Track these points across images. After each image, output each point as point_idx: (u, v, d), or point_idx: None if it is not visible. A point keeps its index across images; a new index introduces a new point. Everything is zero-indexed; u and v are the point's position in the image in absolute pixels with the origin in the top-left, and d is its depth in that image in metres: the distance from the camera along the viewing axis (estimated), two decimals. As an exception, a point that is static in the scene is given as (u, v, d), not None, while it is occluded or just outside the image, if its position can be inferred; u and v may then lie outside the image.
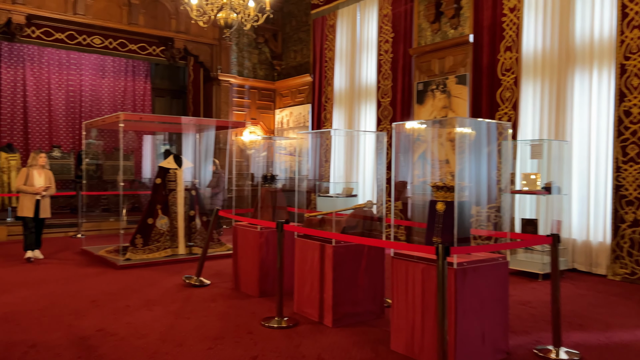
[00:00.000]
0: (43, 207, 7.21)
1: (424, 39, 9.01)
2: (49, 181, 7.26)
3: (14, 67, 11.81)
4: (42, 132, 12.25)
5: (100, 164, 11.85)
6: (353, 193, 10.03)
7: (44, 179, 7.22)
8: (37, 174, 7.19)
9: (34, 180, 7.15)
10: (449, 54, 8.53)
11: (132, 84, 13.41)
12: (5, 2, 9.25)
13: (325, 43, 11.04)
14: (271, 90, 12.67)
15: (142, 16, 10.75)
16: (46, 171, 7.31)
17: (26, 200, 7.12)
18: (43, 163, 7.27)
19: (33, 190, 7.06)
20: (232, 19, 6.11)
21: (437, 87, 8.70)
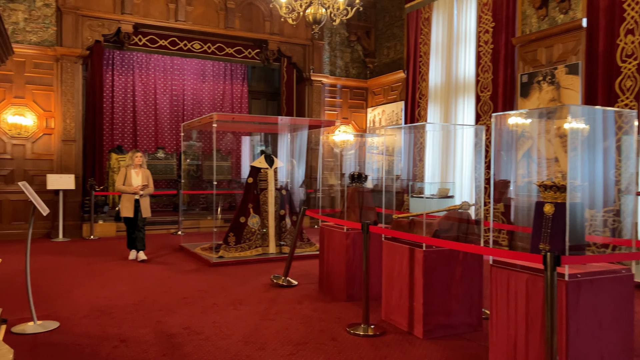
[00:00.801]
0: (143, 207, 7.20)
1: (528, 27, 8.26)
2: (146, 180, 7.22)
3: (124, 74, 12.70)
4: (149, 135, 13.04)
5: (199, 164, 12.35)
6: (449, 194, 9.49)
7: (141, 178, 7.21)
8: (135, 173, 7.22)
9: (131, 179, 7.16)
10: (557, 42, 7.73)
11: (230, 87, 13.87)
12: (114, 12, 9.92)
13: (420, 37, 10.58)
14: (363, 89, 12.44)
15: (237, 20, 11.03)
16: (144, 170, 7.30)
17: (125, 200, 7.16)
18: (139, 162, 7.26)
19: (131, 190, 7.07)
20: (321, 15, 5.96)
21: (543, 78, 7.93)
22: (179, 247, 8.41)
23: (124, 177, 7.19)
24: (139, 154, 7.33)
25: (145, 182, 7.19)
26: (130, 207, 7.11)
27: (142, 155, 7.37)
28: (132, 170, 7.22)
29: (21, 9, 9.24)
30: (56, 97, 9.50)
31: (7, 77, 9.14)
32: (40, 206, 4.13)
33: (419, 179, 10.49)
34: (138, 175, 7.22)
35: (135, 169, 7.25)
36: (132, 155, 7.34)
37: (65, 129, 9.51)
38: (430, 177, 10.35)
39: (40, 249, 8.07)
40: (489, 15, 8.88)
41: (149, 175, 7.35)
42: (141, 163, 7.29)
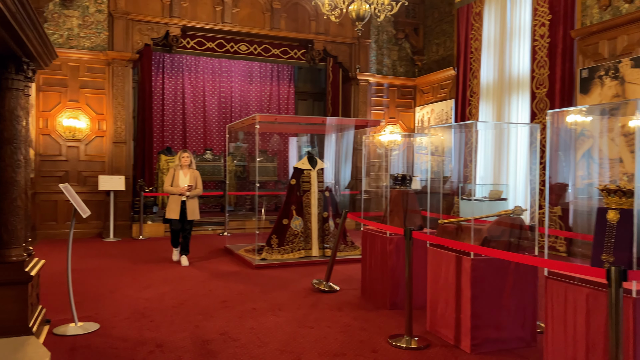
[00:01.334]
0: (189, 209, 6.94)
1: (589, 18, 7.72)
2: (194, 181, 6.95)
3: (174, 76, 12.94)
4: (198, 136, 13.24)
5: (246, 166, 12.40)
6: (502, 197, 9.03)
7: (189, 179, 6.96)
8: (182, 174, 6.98)
9: (179, 180, 6.93)
10: (622, 33, 7.16)
11: (277, 88, 13.88)
12: (163, 16, 10.09)
13: (471, 33, 10.15)
14: (411, 87, 12.10)
15: (283, 20, 10.98)
16: (192, 171, 7.02)
17: (172, 201, 6.94)
18: (186, 162, 6.99)
19: (177, 191, 6.84)
20: (364, 11, 5.76)
21: (606, 72, 7.38)
22: (223, 248, 8.42)
23: (172, 178, 6.96)
24: (186, 154, 7.04)
25: (192, 183, 6.93)
26: (176, 208, 6.90)
27: (189, 155, 7.07)
28: (180, 171, 6.99)
29: (75, 15, 9.55)
30: (108, 100, 9.76)
31: (62, 82, 9.47)
32: (81, 208, 4.15)
33: (469, 180, 10.07)
34: (186, 176, 6.97)
35: (183, 169, 7.01)
36: (180, 155, 7.09)
37: (116, 131, 9.76)
38: (481, 178, 9.91)
39: (91, 248, 8.29)
40: (545, 7, 8.38)
41: (198, 176, 7.07)
42: (189, 163, 7.02)
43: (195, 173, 7.06)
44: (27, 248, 4.05)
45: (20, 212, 3.78)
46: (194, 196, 6.98)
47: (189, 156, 7.06)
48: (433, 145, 11.50)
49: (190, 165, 7.02)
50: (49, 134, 9.41)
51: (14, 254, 3.74)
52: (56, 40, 9.41)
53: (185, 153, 7.06)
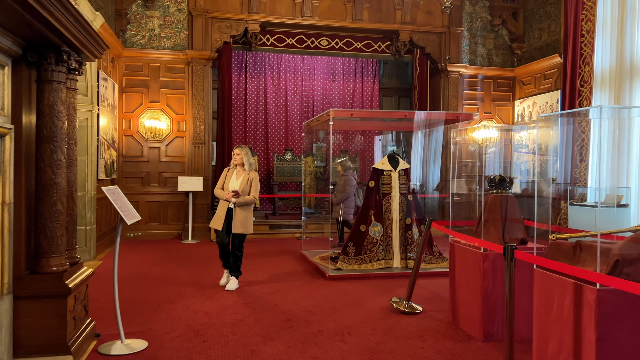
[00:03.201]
0: (236, 219, 5.48)
1: None
2: (246, 185, 5.54)
3: (257, 75, 12.72)
4: (279, 136, 12.91)
5: (326, 166, 11.85)
6: (623, 202, 7.66)
7: (240, 182, 5.57)
8: (235, 175, 5.67)
9: (228, 181, 5.65)
10: None
11: (360, 84, 13.21)
12: (242, 12, 9.81)
13: (582, 13, 8.77)
14: (509, 79, 10.85)
15: (366, 11, 10.27)
16: (248, 173, 5.62)
17: (219, 207, 5.66)
18: (237, 162, 5.64)
19: (223, 196, 5.55)
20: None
21: None
22: (299, 254, 7.90)
23: (224, 179, 5.70)
24: (237, 150, 5.64)
25: (242, 188, 5.53)
26: (221, 216, 5.55)
27: (241, 153, 5.62)
28: (233, 171, 5.71)
29: (156, 16, 9.54)
30: (187, 100, 9.65)
31: (144, 83, 9.50)
32: (127, 213, 3.73)
33: (580, 182, 8.72)
34: (238, 178, 5.63)
35: (237, 169, 5.70)
36: (233, 151, 5.76)
37: (196, 131, 9.62)
38: (595, 180, 8.52)
39: (168, 250, 8.14)
40: (681, -26, 6.92)
41: (254, 179, 5.62)
42: (242, 162, 5.62)
43: (252, 175, 5.63)
44: (72, 256, 3.71)
45: (60, 217, 3.43)
46: (244, 204, 5.52)
47: (241, 153, 5.62)
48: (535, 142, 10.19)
49: (245, 165, 5.62)
50: (131, 135, 9.47)
51: (53, 264, 3.40)
52: (138, 41, 9.45)
53: (237, 149, 5.65)
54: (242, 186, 5.55)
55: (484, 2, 10.70)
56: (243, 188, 5.54)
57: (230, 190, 5.52)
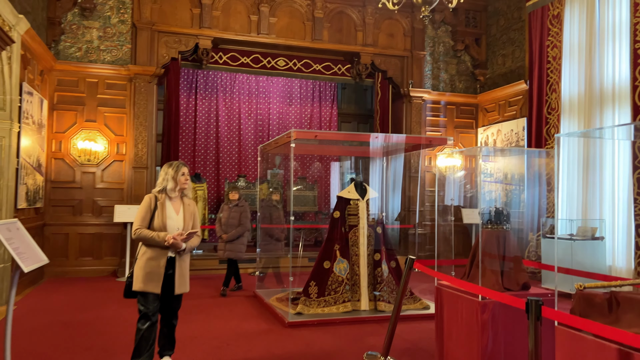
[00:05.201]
0: (179, 275, 3.74)
1: None
2: (190, 219, 3.82)
3: (208, 96, 11.88)
4: (232, 162, 12.05)
5: (282, 194, 11.05)
6: (597, 235, 7.27)
7: (183, 216, 3.79)
8: (171, 207, 3.78)
9: (165, 217, 3.70)
10: None
11: (318, 109, 12.61)
12: (192, 27, 9.02)
13: (548, 39, 8.56)
14: (473, 105, 10.52)
15: (326, 31, 9.73)
16: (187, 202, 3.88)
17: (148, 258, 3.65)
18: (185, 184, 3.81)
19: (163, 240, 3.59)
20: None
21: None
22: (252, 293, 7.00)
23: (150, 212, 3.71)
24: (186, 171, 3.85)
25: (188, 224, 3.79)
26: (157, 271, 3.64)
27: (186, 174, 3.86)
28: (167, 202, 3.76)
29: (95, 27, 8.60)
30: (128, 120, 8.68)
31: (79, 100, 8.47)
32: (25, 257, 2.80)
33: (549, 214, 8.33)
34: (178, 211, 3.79)
35: (172, 199, 3.79)
36: (176, 171, 3.79)
37: (137, 154, 8.63)
38: (566, 211, 8.15)
39: (98, 290, 7.04)
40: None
41: (196, 212, 3.93)
42: (185, 186, 3.84)
43: (192, 206, 3.92)
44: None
45: None
46: (191, 249, 3.84)
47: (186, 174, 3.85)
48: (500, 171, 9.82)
49: (186, 192, 3.89)
50: (62, 157, 8.35)
51: None
52: (74, 54, 8.46)
53: (185, 168, 3.87)
54: (187, 223, 3.80)
55: (447, 27, 10.42)
56: (188, 225, 3.80)
57: (182, 230, 3.71)
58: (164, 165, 3.84)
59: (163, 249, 3.65)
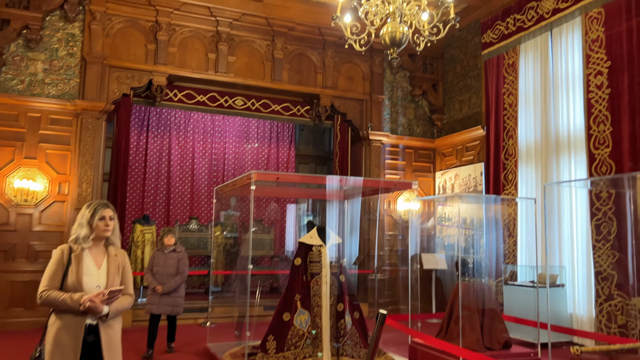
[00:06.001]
0: (107, 344, 2.89)
1: (664, 62, 6.31)
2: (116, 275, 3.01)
3: (160, 134, 11.42)
4: (184, 203, 11.51)
5: (237, 238, 10.58)
6: (558, 282, 7.22)
7: (107, 271, 2.99)
8: (91, 259, 2.98)
9: (81, 274, 2.90)
10: None
11: (275, 149, 12.37)
12: (146, 63, 8.67)
13: (504, 87, 8.75)
14: (430, 150, 10.56)
15: (286, 72, 9.60)
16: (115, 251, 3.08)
17: (60, 326, 2.82)
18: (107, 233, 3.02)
19: (74, 302, 2.79)
20: (402, 34, 4.25)
21: (696, 127, 5.84)
22: (203, 348, 6.44)
23: (63, 268, 2.91)
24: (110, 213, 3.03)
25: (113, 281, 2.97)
26: (71, 345, 2.81)
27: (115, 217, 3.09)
28: (83, 253, 2.96)
29: (41, 59, 8.10)
30: (73, 158, 8.11)
31: (18, 135, 7.86)
32: None
33: (509, 260, 8.28)
34: (100, 264, 3.00)
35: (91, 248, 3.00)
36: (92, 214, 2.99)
37: (81, 195, 8.02)
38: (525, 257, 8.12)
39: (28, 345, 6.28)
40: (602, 53, 7.00)
41: (127, 265, 3.13)
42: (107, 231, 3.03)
43: (120, 256, 3.10)
44: None
45: None
46: (117, 313, 2.96)
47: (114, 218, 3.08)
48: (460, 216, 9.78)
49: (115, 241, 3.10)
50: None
51: None
52: (15, 86, 7.90)
53: (110, 211, 3.05)
54: (111, 279, 2.96)
55: (405, 72, 10.54)
56: (113, 282, 2.96)
57: (105, 287, 2.90)
58: (83, 206, 3.08)
59: (79, 315, 2.79)
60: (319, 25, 9.52)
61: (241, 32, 9.29)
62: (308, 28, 9.56)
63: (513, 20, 8.55)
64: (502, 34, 8.79)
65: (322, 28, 9.53)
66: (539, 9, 8.04)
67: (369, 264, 9.85)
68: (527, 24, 8.25)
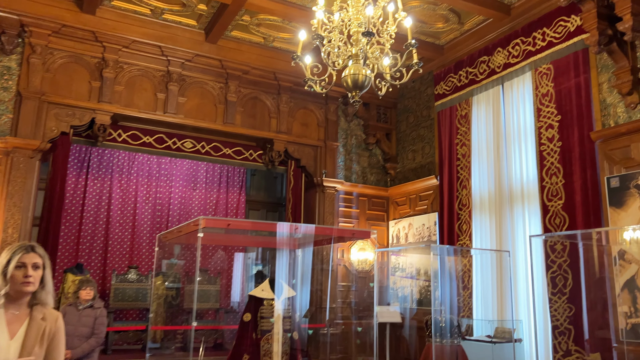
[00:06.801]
0: None
1: (612, 118, 6.50)
2: (39, 346, 2.30)
3: (101, 177, 10.71)
4: (123, 251, 10.70)
5: (180, 289, 9.87)
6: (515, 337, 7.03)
7: (25, 339, 2.28)
8: (4, 323, 2.29)
9: None
10: (661, 134, 5.88)
11: (225, 195, 11.88)
12: (90, 100, 8.17)
13: (457, 137, 8.82)
14: (384, 198, 10.43)
15: (239, 115, 9.32)
16: (40, 315, 2.37)
17: None
18: (28, 288, 2.33)
19: None
20: (364, 76, 4.07)
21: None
22: (137, 416, 5.73)
23: None
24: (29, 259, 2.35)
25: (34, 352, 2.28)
26: None
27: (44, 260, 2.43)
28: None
29: (-30, 91, 7.46)
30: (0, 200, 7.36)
31: (-64, 173, 7.07)
32: None
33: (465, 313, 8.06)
34: (16, 329, 2.30)
35: (10, 310, 2.33)
36: (8, 261, 2.33)
37: (5, 241, 7.23)
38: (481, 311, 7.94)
39: None
40: (552, 107, 7.18)
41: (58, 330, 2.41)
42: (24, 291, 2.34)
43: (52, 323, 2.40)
44: None
45: None
46: None
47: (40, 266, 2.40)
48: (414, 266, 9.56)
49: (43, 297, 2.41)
50: None
51: None
52: (-63, 119, 7.18)
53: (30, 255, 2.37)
54: (27, 353, 2.26)
55: (359, 120, 10.52)
56: (31, 355, 2.27)
57: None
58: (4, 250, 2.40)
59: None
60: (274, 70, 9.38)
61: (193, 73, 8.99)
62: (263, 72, 9.39)
63: (465, 73, 8.73)
64: (454, 86, 8.95)
65: (278, 73, 9.40)
66: (490, 63, 8.24)
67: (321, 317, 9.38)
68: (479, 77, 8.43)
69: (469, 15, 8.11)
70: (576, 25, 6.86)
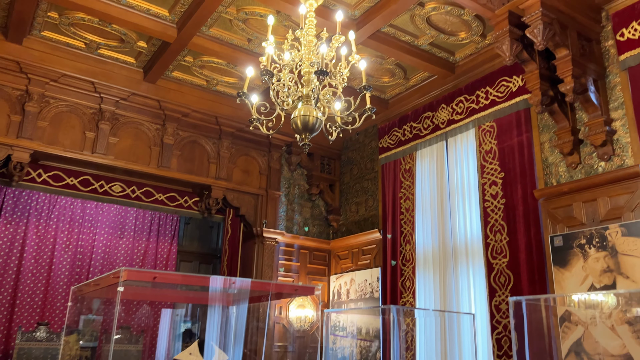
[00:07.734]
0: None
1: (554, 177, 6.56)
2: None
3: (16, 220, 9.62)
4: (33, 306, 9.50)
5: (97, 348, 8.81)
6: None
7: None
8: None
9: None
10: (602, 195, 5.94)
11: (155, 244, 11.03)
12: (7, 136, 7.39)
13: (401, 191, 8.69)
14: (325, 252, 10.04)
15: (175, 159, 8.77)
16: None
17: None
18: None
19: None
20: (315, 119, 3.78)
21: (588, 241, 5.95)
22: None
23: None
24: None
25: None
26: None
27: None
28: None
29: None
30: None
31: None
32: None
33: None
34: None
35: None
36: None
37: None
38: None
39: None
40: (495, 164, 7.21)
41: None
42: None
43: None
44: None
45: None
46: None
47: None
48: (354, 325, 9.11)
49: None
50: None
51: None
52: None
53: None
54: None
55: (302, 170, 10.23)
56: None
57: None
58: None
59: None
60: (216, 114, 9.00)
61: (128, 113, 8.43)
62: (204, 116, 8.98)
63: (410, 128, 8.72)
64: (399, 140, 8.91)
65: (220, 117, 9.02)
66: (434, 119, 8.29)
67: (255, 381, 8.62)
68: (424, 132, 8.44)
69: (415, 71, 8.18)
70: (518, 85, 7.03)
